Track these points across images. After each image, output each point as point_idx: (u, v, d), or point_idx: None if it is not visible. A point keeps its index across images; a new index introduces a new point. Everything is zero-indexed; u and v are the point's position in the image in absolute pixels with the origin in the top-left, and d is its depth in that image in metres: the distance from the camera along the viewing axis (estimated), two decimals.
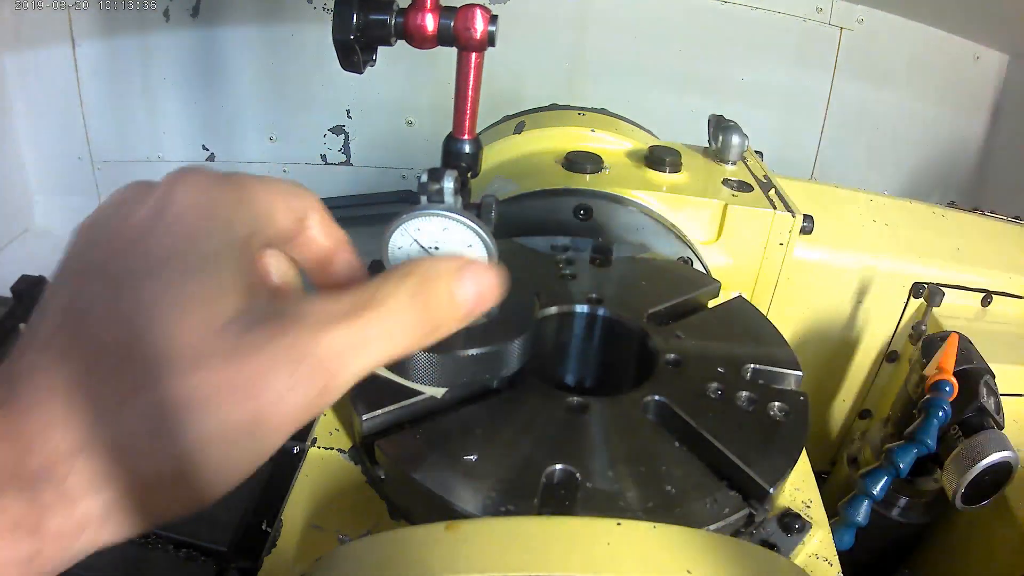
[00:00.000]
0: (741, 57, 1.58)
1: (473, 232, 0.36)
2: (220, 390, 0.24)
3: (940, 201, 1.09)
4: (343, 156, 1.64)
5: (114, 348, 0.25)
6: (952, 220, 0.99)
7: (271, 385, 0.25)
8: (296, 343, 0.25)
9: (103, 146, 1.55)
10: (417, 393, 0.47)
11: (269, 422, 0.25)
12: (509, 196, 0.78)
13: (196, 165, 0.29)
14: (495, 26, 0.46)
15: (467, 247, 0.37)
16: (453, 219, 0.36)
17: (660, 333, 0.58)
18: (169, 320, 0.25)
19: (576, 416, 0.48)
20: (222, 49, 1.52)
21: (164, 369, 0.24)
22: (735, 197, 0.83)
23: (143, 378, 0.24)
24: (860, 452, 0.80)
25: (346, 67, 0.48)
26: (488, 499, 0.41)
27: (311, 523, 0.45)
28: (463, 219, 0.36)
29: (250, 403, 0.25)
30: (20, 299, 0.97)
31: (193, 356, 0.25)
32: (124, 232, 0.27)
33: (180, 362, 0.25)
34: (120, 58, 1.49)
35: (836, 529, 0.55)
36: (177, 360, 0.25)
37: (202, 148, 1.60)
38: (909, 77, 1.62)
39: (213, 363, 0.25)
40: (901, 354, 0.93)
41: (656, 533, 0.37)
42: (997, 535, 0.70)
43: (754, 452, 0.46)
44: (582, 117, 0.95)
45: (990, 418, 0.65)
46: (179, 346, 0.25)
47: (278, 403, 0.25)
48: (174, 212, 0.27)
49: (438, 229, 0.36)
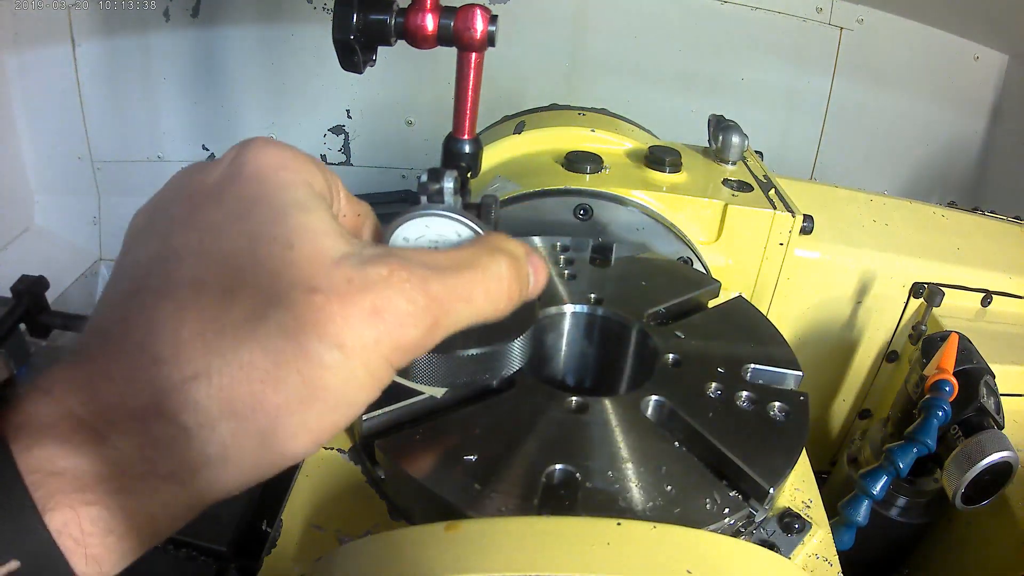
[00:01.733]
0: (741, 57, 1.58)
1: (473, 232, 0.36)
2: (346, 317, 0.24)
3: (940, 201, 1.09)
4: (343, 156, 1.64)
5: (214, 284, 0.24)
6: (952, 220, 0.99)
7: (394, 311, 0.25)
8: (411, 279, 0.26)
9: (103, 146, 1.55)
10: (417, 393, 0.47)
11: (392, 346, 0.25)
12: (509, 196, 0.78)
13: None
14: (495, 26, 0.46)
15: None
16: (453, 219, 0.36)
17: (660, 333, 0.58)
18: (273, 252, 0.25)
19: (576, 416, 0.48)
20: (222, 49, 1.52)
21: (282, 295, 0.24)
22: (735, 197, 0.83)
23: (263, 304, 0.24)
24: (860, 452, 0.80)
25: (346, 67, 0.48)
26: (488, 499, 0.41)
27: (311, 523, 0.45)
28: (463, 219, 0.36)
29: (374, 330, 0.25)
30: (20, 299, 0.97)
31: (311, 284, 0.24)
32: (201, 192, 0.27)
33: (301, 286, 0.24)
34: (120, 58, 1.49)
35: (836, 529, 0.55)
36: (294, 285, 0.24)
37: (202, 148, 1.60)
38: (909, 77, 1.62)
39: (336, 289, 0.24)
40: (901, 354, 0.93)
41: (656, 533, 0.37)
42: (997, 535, 0.70)
43: (754, 452, 0.46)
44: (582, 117, 0.95)
45: (990, 418, 0.65)
46: (296, 274, 0.25)
47: (397, 331, 0.25)
48: (250, 169, 0.28)
49: (438, 229, 0.36)
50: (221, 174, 0.28)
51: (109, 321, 0.25)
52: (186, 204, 0.27)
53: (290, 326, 0.24)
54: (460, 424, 0.47)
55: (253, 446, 0.24)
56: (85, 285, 1.53)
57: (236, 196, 0.27)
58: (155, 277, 0.25)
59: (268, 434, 0.24)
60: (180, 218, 0.27)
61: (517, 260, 0.31)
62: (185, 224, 0.26)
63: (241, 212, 0.26)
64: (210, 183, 0.28)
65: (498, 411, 0.49)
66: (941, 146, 1.69)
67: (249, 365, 0.23)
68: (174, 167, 0.29)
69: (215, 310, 0.24)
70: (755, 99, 1.61)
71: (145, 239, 0.27)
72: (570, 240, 0.71)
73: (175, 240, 0.26)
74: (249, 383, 0.23)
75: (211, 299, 0.24)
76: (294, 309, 0.24)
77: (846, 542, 0.55)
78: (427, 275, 0.26)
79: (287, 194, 0.27)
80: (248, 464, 0.24)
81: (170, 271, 0.25)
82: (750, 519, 0.45)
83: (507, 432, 0.46)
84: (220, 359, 0.23)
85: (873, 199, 0.98)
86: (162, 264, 0.25)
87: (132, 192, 1.58)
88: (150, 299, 0.24)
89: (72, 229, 1.56)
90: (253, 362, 0.23)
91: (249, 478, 0.25)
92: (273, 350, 0.23)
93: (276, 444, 0.24)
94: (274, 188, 0.27)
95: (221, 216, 0.26)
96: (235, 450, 0.24)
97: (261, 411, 0.23)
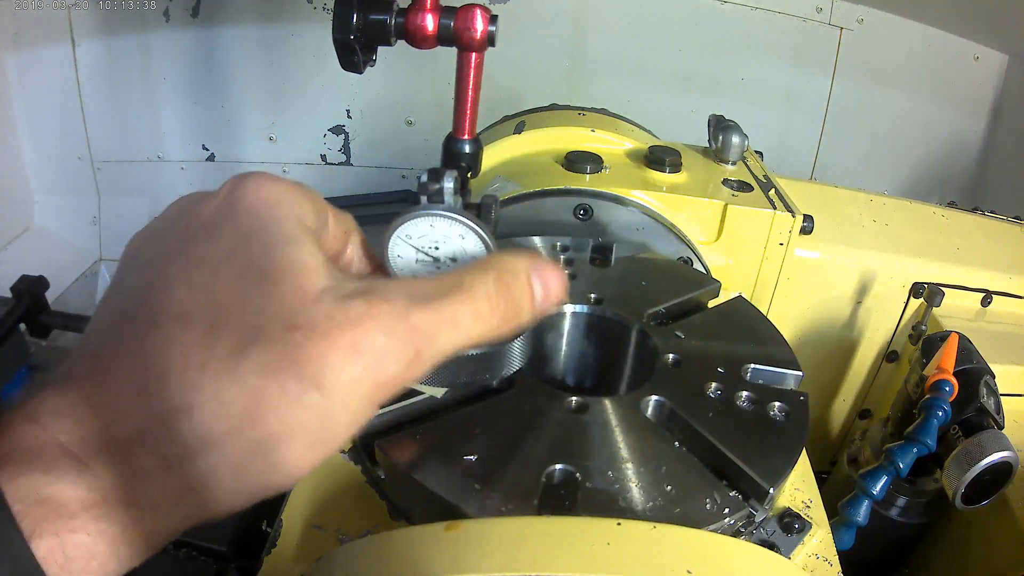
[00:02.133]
0: (741, 57, 1.58)
1: (473, 232, 0.36)
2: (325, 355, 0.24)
3: (940, 201, 1.09)
4: (343, 156, 1.64)
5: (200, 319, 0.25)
6: (952, 220, 0.99)
7: (372, 347, 0.25)
8: (391, 313, 0.26)
9: (103, 146, 1.55)
10: (417, 393, 0.47)
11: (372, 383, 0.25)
12: (509, 196, 0.78)
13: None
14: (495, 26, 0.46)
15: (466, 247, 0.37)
16: (453, 219, 0.36)
17: (660, 333, 0.58)
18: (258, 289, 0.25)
19: (576, 416, 0.48)
20: (222, 49, 1.52)
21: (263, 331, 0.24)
22: (735, 197, 0.83)
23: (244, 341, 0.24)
24: (860, 452, 0.80)
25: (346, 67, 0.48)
26: (488, 499, 0.41)
27: (311, 523, 0.45)
28: (463, 219, 0.36)
29: (353, 368, 0.25)
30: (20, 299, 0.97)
31: (292, 321, 0.25)
32: (196, 224, 0.28)
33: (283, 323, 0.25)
34: (120, 58, 1.49)
35: (836, 529, 0.55)
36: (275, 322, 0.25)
37: (202, 148, 1.60)
38: (909, 77, 1.62)
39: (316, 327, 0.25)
40: (901, 354, 0.93)
41: (656, 533, 0.37)
42: (997, 535, 0.70)
43: (754, 452, 0.46)
44: (582, 117, 0.95)
45: (990, 418, 0.65)
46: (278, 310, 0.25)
47: (377, 365, 0.25)
48: (245, 204, 0.28)
49: (438, 229, 0.36)
50: (216, 208, 0.28)
51: (98, 346, 0.26)
52: (181, 235, 0.28)
53: (270, 364, 0.24)
54: (460, 424, 0.47)
55: (232, 478, 0.24)
56: (85, 285, 1.53)
57: (229, 231, 0.27)
58: (145, 306, 0.26)
59: (246, 468, 0.24)
60: (174, 249, 0.27)
61: (511, 275, 0.30)
62: (178, 256, 0.27)
63: (232, 247, 0.27)
64: (205, 216, 0.28)
65: (498, 411, 0.49)
66: (941, 146, 1.69)
67: (228, 402, 0.24)
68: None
69: (199, 345, 0.24)
70: (755, 99, 1.61)
71: (139, 266, 0.28)
72: (570, 240, 0.71)
73: (168, 271, 0.27)
74: (228, 419, 0.24)
75: (196, 334, 0.24)
76: (274, 346, 0.24)
77: (846, 542, 0.55)
78: (407, 305, 0.27)
79: (278, 229, 0.28)
80: (227, 494, 0.25)
81: (160, 302, 0.26)
82: (750, 519, 0.45)
83: (507, 432, 0.46)
84: (201, 394, 0.24)
85: (873, 199, 0.98)
86: (153, 293, 0.26)
87: (132, 192, 1.58)
88: (138, 329, 0.25)
89: (72, 229, 1.56)
90: (232, 399, 0.24)
91: (229, 507, 0.25)
92: (252, 387, 0.24)
93: (255, 477, 0.25)
94: (266, 222, 0.28)
95: (213, 251, 0.27)
96: (215, 481, 0.24)
97: (239, 446, 0.24)
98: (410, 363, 0.26)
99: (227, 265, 0.26)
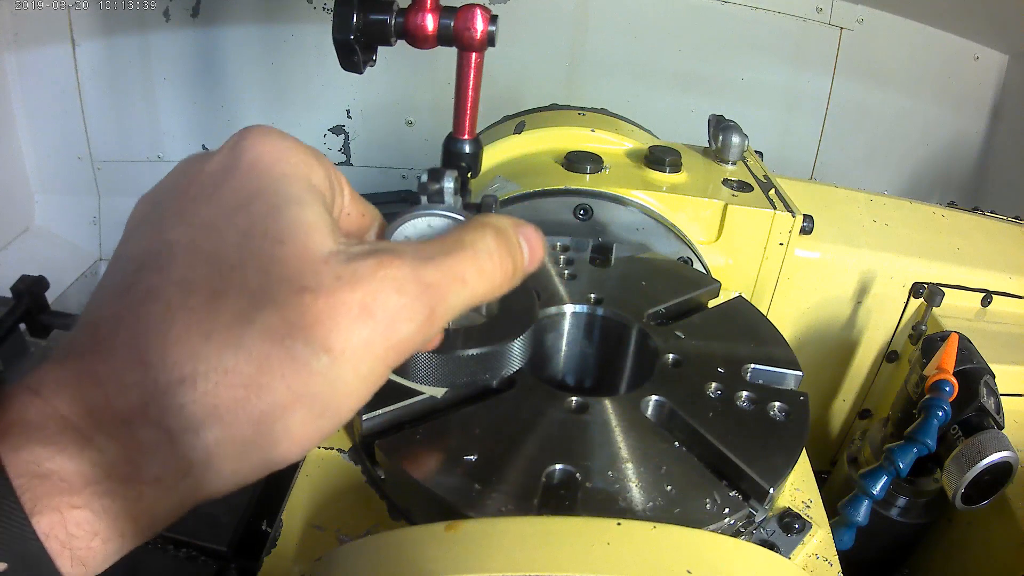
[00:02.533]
0: (741, 57, 1.58)
1: None
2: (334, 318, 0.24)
3: (940, 201, 1.08)
4: (343, 156, 1.64)
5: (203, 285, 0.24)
6: (952, 220, 0.99)
7: (384, 307, 0.25)
8: (403, 269, 0.25)
9: (103, 146, 1.55)
10: (417, 393, 0.47)
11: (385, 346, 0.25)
12: (509, 196, 0.78)
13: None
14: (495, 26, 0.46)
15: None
16: (453, 219, 0.36)
17: (660, 333, 0.58)
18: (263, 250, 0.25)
19: (576, 416, 0.48)
20: (222, 49, 1.52)
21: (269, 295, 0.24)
22: (735, 197, 0.83)
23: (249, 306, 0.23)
24: (860, 452, 0.80)
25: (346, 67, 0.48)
26: (488, 499, 0.41)
27: (311, 523, 0.45)
28: (463, 219, 0.36)
29: (364, 330, 0.24)
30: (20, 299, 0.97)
31: (300, 283, 0.24)
32: (197, 184, 0.27)
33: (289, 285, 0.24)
34: (120, 58, 1.49)
35: (836, 529, 0.55)
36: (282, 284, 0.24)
37: (202, 148, 1.60)
38: (909, 77, 1.62)
39: (324, 287, 0.24)
40: (901, 354, 0.93)
41: (656, 533, 0.37)
42: (997, 535, 0.70)
43: (754, 452, 0.46)
44: (582, 117, 0.95)
45: (990, 418, 0.65)
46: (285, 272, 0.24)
47: (390, 327, 0.25)
48: (248, 159, 0.27)
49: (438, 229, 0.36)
50: (218, 165, 0.27)
51: (100, 317, 0.25)
52: (183, 197, 0.27)
53: (277, 329, 0.23)
54: (460, 424, 0.47)
55: (237, 452, 0.24)
56: (85, 285, 1.53)
57: (231, 190, 0.26)
58: (147, 274, 0.25)
59: (251, 441, 0.24)
60: (175, 211, 0.26)
61: (504, 232, 0.31)
62: (180, 218, 0.26)
63: (235, 207, 0.26)
64: (207, 175, 0.27)
65: (498, 411, 0.49)
66: (941, 146, 1.69)
67: (234, 371, 0.23)
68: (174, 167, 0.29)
69: (203, 313, 0.23)
70: (755, 99, 1.61)
71: (142, 230, 0.27)
72: (570, 240, 0.71)
73: (169, 234, 0.26)
74: (233, 389, 0.23)
75: (200, 301, 0.24)
76: (282, 311, 0.23)
77: (846, 542, 0.55)
78: (417, 263, 0.26)
79: (282, 188, 0.27)
80: (232, 469, 0.24)
81: (161, 268, 0.25)
82: (750, 519, 0.45)
83: (507, 432, 0.46)
84: (205, 364, 0.23)
85: (873, 199, 0.98)
86: (155, 259, 0.25)
87: (132, 192, 1.56)
88: (140, 298, 0.24)
89: (72, 229, 1.56)
90: (238, 367, 0.23)
91: (234, 482, 0.24)
92: (258, 355, 0.23)
93: (260, 451, 0.24)
94: (269, 181, 0.27)
95: (215, 212, 0.26)
96: (219, 455, 0.23)
97: (244, 417, 0.23)
98: (424, 323, 0.26)
99: (229, 226, 0.25)
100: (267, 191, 0.26)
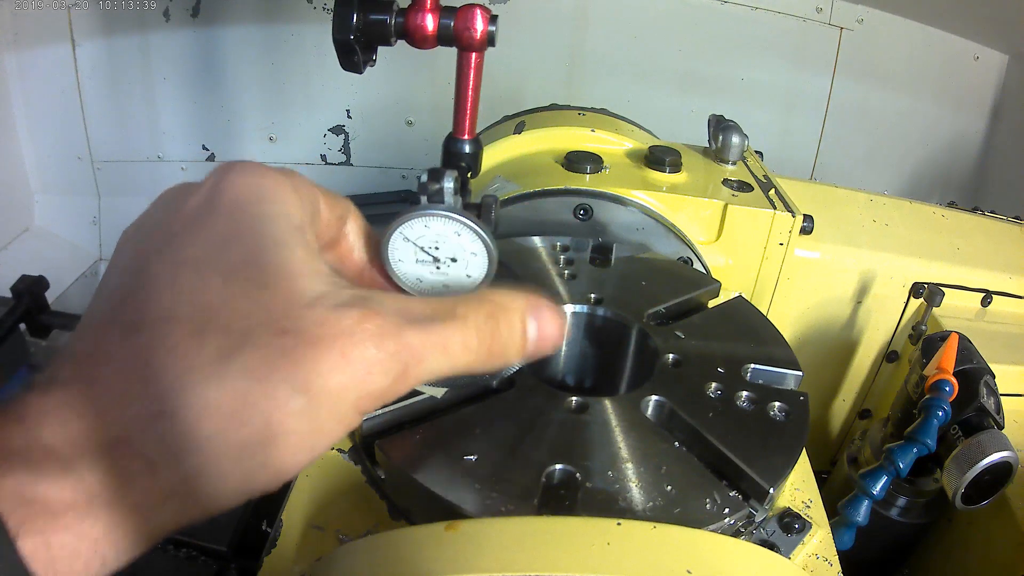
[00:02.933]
0: (741, 57, 1.58)
1: (473, 232, 0.36)
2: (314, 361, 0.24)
3: (940, 201, 1.09)
4: (343, 156, 1.64)
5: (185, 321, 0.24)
6: (952, 220, 0.99)
7: (361, 357, 0.25)
8: (384, 327, 0.26)
9: (103, 146, 1.55)
10: (417, 393, 0.47)
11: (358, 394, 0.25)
12: (509, 196, 0.78)
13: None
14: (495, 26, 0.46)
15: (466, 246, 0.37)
16: (453, 219, 0.36)
17: (660, 333, 0.58)
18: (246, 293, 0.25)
19: (576, 416, 0.48)
20: (222, 49, 1.52)
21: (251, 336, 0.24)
22: (735, 197, 0.83)
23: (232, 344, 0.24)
24: (860, 452, 0.80)
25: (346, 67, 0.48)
26: (488, 499, 0.41)
27: (311, 523, 0.45)
28: (463, 219, 0.36)
29: (341, 376, 0.25)
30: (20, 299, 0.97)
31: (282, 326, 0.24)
32: (179, 220, 0.28)
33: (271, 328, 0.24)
34: (120, 58, 1.49)
35: (836, 529, 0.55)
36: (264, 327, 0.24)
37: (202, 148, 1.60)
38: (909, 77, 1.62)
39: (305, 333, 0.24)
40: (901, 354, 0.93)
41: (656, 533, 0.37)
42: (997, 535, 0.70)
43: (754, 452, 0.46)
44: (582, 117, 0.95)
45: (990, 418, 0.65)
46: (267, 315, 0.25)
47: (365, 378, 0.25)
48: (228, 199, 0.28)
49: (438, 229, 0.36)
50: (199, 202, 0.28)
51: (82, 349, 0.25)
52: (166, 232, 0.27)
53: (257, 368, 0.24)
54: (460, 424, 0.47)
55: (218, 480, 0.24)
56: (85, 285, 1.53)
57: (213, 230, 0.27)
58: (130, 307, 0.26)
59: (232, 470, 0.24)
60: (156, 247, 0.27)
61: (504, 311, 0.30)
62: (161, 254, 0.27)
63: (217, 247, 0.26)
64: (187, 212, 0.28)
65: (498, 411, 0.48)
66: (941, 146, 1.69)
67: (214, 405, 0.24)
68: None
69: (184, 348, 0.24)
70: (755, 99, 1.61)
71: (126, 263, 0.28)
72: (570, 240, 0.71)
73: (151, 269, 0.26)
74: (212, 422, 0.24)
75: (181, 336, 0.24)
76: (262, 351, 0.24)
77: (846, 542, 0.55)
78: (400, 322, 0.26)
79: (264, 229, 0.27)
80: (214, 495, 0.25)
81: (144, 303, 0.25)
82: (750, 519, 0.45)
83: (507, 432, 0.46)
84: (186, 397, 0.24)
85: (873, 199, 0.98)
86: (137, 294, 0.26)
87: (132, 192, 1.58)
88: (123, 331, 0.25)
89: (72, 229, 1.56)
90: (219, 402, 0.24)
91: (217, 507, 0.25)
92: (239, 391, 0.24)
93: (240, 479, 0.25)
94: (251, 222, 0.27)
95: (197, 251, 0.26)
96: (200, 483, 0.24)
97: (225, 449, 0.24)
98: (396, 379, 0.26)
99: (212, 267, 0.26)
100: (248, 233, 0.27)
